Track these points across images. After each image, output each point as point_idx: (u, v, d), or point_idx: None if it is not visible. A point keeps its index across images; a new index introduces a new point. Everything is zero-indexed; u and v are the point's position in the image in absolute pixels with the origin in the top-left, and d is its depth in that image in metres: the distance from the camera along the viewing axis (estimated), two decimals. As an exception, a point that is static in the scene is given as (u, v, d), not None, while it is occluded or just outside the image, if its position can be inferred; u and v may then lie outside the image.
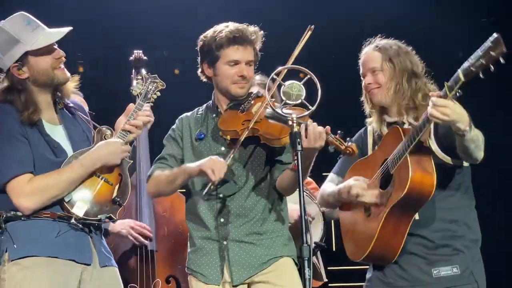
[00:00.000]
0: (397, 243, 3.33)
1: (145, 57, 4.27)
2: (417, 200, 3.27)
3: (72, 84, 3.30)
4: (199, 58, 3.52)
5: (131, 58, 4.29)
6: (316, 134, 3.10)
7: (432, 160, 3.28)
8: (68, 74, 3.24)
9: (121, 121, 3.29)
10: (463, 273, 3.30)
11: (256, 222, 3.39)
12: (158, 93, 3.42)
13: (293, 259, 3.41)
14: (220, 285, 3.36)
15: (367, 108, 3.56)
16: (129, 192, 3.25)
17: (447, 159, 3.31)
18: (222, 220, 3.38)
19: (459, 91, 3.03)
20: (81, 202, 3.12)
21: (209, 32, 3.45)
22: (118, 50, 5.60)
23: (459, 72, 3.00)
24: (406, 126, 3.41)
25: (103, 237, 3.31)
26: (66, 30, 3.20)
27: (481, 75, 2.95)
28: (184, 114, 3.60)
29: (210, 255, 3.39)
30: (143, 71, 4.05)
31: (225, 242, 3.37)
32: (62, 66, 3.21)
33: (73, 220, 3.10)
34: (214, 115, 3.51)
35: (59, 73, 3.20)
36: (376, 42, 3.55)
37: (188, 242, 3.52)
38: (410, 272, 3.35)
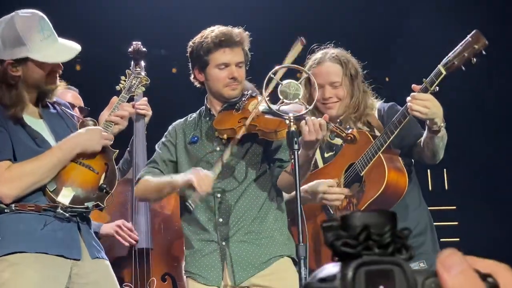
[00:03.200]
0: None
1: (144, 49, 4.24)
2: (391, 198, 3.30)
3: (59, 87, 3.27)
4: (190, 64, 3.53)
5: (129, 49, 4.26)
6: (317, 126, 3.09)
7: (401, 160, 3.34)
8: (58, 82, 3.20)
9: (104, 114, 3.29)
10: (431, 267, 3.31)
11: (254, 220, 3.38)
12: (143, 88, 3.49)
13: (292, 258, 3.39)
14: (221, 286, 3.34)
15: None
16: (117, 181, 3.23)
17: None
18: (220, 220, 3.37)
19: (437, 87, 3.12)
20: (66, 191, 3.08)
21: (197, 38, 3.46)
22: (115, 48, 5.59)
23: (440, 67, 3.10)
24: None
25: (92, 229, 3.28)
26: (74, 52, 3.14)
27: (463, 68, 3.07)
28: (177, 121, 3.60)
29: (209, 256, 3.37)
30: (142, 63, 4.06)
31: (224, 243, 3.36)
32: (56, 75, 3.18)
33: (59, 210, 3.05)
34: (207, 118, 3.51)
35: (50, 82, 3.17)
36: (330, 52, 3.56)
37: (184, 244, 3.51)
38: None
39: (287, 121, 3.04)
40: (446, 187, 7.35)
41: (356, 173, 3.37)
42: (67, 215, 3.08)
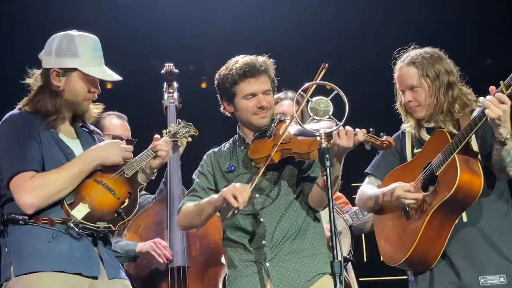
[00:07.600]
0: (439, 246, 3.30)
1: (176, 70, 4.31)
2: (464, 200, 3.24)
3: (96, 110, 3.38)
4: (218, 95, 3.56)
5: (162, 71, 4.33)
6: (349, 133, 3.11)
7: (479, 163, 3.26)
8: (90, 108, 3.33)
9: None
10: (510, 283, 3.26)
11: (295, 240, 3.40)
12: (190, 139, 3.55)
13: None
14: None
15: (404, 116, 3.56)
16: (135, 210, 3.27)
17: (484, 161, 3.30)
18: (263, 242, 3.39)
19: None
20: (82, 207, 3.14)
21: (222, 70, 3.50)
22: (145, 65, 5.65)
23: None
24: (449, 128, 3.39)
25: (111, 249, 3.31)
26: (116, 77, 3.28)
27: None
28: (211, 150, 3.63)
29: (252, 277, 3.39)
30: (175, 84, 4.12)
31: (267, 264, 3.37)
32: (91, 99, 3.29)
33: (70, 223, 3.09)
34: (242, 147, 3.54)
35: (86, 104, 3.28)
36: (410, 56, 3.50)
37: (226, 264, 3.53)
38: (458, 275, 3.30)
39: (318, 138, 3.05)
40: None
41: (432, 172, 3.34)
42: (78, 230, 3.10)
